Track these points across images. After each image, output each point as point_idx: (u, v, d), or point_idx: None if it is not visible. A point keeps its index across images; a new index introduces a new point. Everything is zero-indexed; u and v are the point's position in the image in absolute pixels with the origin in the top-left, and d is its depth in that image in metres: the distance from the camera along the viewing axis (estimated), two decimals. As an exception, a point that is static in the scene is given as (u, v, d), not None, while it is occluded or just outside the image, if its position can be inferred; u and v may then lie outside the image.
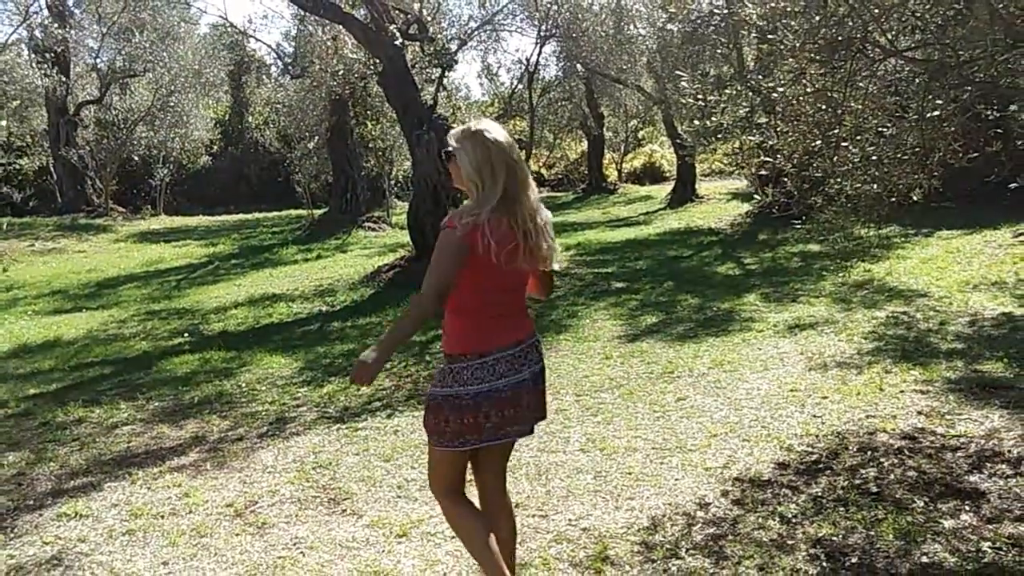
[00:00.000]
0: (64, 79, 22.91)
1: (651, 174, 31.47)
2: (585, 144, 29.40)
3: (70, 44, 23.69)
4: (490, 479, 3.24)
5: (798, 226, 6.13)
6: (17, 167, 21.12)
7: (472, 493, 3.25)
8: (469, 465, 3.20)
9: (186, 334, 9.63)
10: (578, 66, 17.74)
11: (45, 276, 15.39)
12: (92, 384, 7.56)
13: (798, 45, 4.69)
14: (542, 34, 13.37)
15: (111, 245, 19.93)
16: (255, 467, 5.12)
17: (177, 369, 7.88)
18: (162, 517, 4.45)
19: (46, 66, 19.97)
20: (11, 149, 21.27)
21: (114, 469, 5.24)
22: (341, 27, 13.04)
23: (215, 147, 31.50)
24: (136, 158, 26.41)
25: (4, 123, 19.39)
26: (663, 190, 24.28)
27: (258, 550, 4.00)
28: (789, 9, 4.75)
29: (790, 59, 5.01)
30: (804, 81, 4.98)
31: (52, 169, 25.48)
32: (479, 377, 2.97)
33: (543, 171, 32.48)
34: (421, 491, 4.45)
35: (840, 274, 9.73)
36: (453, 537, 3.95)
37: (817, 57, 4.71)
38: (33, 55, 20.18)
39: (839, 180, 5.25)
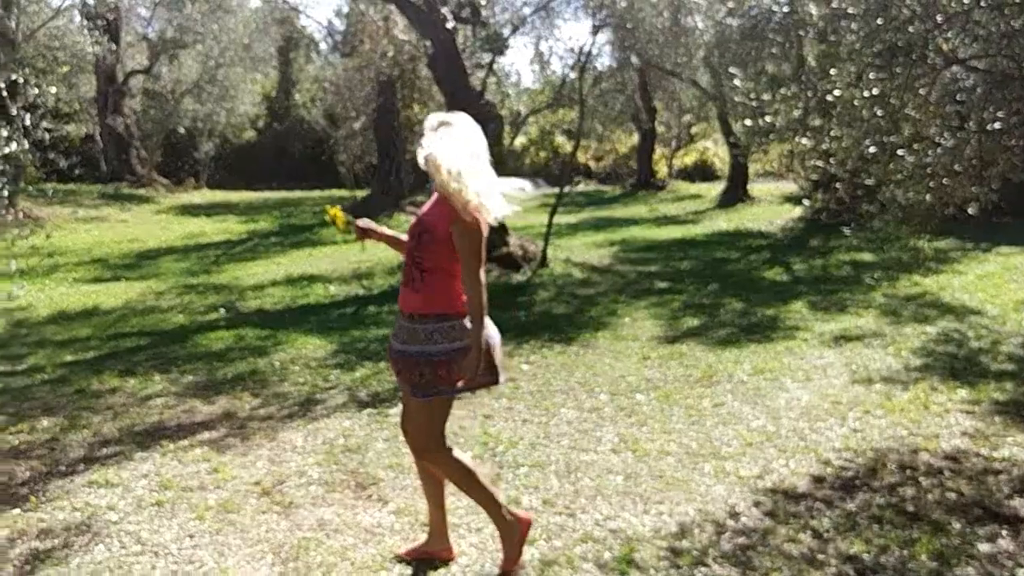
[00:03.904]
0: (114, 47, 22.97)
1: (702, 172, 31.12)
2: (636, 138, 29.12)
3: (122, 12, 23.87)
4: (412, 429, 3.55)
5: (848, 233, 6.00)
6: (63, 134, 21.36)
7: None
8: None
9: (222, 310, 9.70)
10: (632, 57, 17.51)
11: (86, 244, 15.57)
12: (128, 354, 7.64)
13: (858, 48, 4.57)
14: (597, 22, 13.19)
15: (152, 216, 20.13)
16: (284, 447, 5.13)
17: (212, 344, 7.94)
18: (190, 490, 4.47)
19: (97, 33, 20.09)
20: (59, 115, 21.53)
21: (145, 440, 5.28)
22: (393, 7, 13.03)
23: (260, 123, 31.52)
24: (181, 130, 26.51)
25: (54, 89, 19.64)
26: (713, 189, 24.02)
27: (283, 529, 4.00)
28: (850, 11, 4.63)
29: (848, 62, 4.89)
30: (862, 85, 4.85)
31: (98, 137, 25.73)
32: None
33: (590, 163, 32.29)
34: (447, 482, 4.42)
35: (891, 285, 9.54)
36: (479, 529, 3.94)
37: (876, 61, 4.59)
38: (85, 21, 20.32)
39: (892, 188, 5.12)
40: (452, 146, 3.33)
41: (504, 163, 11.83)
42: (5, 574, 3.60)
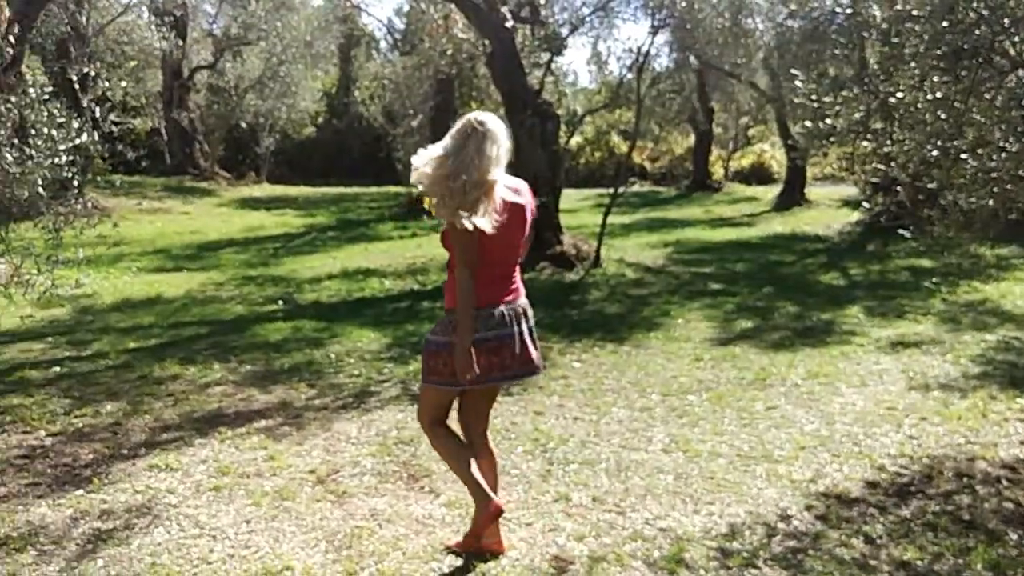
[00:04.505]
0: (180, 43, 23.38)
1: (759, 174, 30.72)
2: (692, 139, 28.88)
3: (189, 9, 24.28)
4: (472, 421, 3.73)
5: (908, 237, 5.92)
6: (130, 127, 21.80)
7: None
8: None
9: (280, 301, 9.86)
10: (691, 58, 17.43)
11: (150, 234, 15.91)
12: (188, 343, 7.81)
13: (922, 50, 4.51)
14: (656, 23, 13.12)
15: (214, 209, 20.48)
16: (339, 437, 5.22)
17: (269, 335, 8.08)
18: (247, 477, 4.57)
19: (164, 29, 20.52)
20: (126, 109, 21.97)
21: (204, 426, 5.41)
22: (453, 6, 13.11)
23: (320, 119, 31.77)
24: (243, 125, 26.86)
25: (124, 83, 19.98)
26: (770, 192, 23.73)
27: (337, 518, 4.07)
28: (915, 13, 4.57)
29: (912, 64, 4.82)
30: (925, 88, 4.79)
31: (163, 131, 26.22)
32: (480, 325, 3.44)
33: (646, 164, 32.08)
34: (500, 476, 4.45)
35: (950, 292, 9.37)
36: (529, 523, 3.97)
37: (941, 64, 4.52)
38: (153, 18, 20.76)
39: (955, 193, 5.04)
40: (428, 151, 3.43)
41: (560, 162, 11.87)
42: (68, 552, 3.72)
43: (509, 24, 11.63)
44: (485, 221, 3.32)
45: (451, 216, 3.34)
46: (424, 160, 3.40)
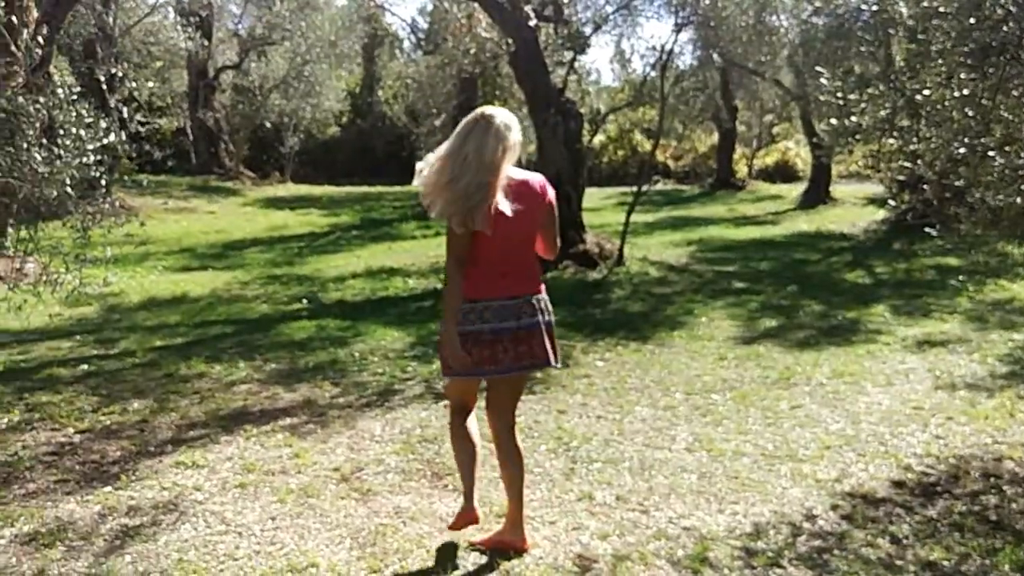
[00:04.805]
0: (206, 43, 23.52)
1: (783, 172, 30.56)
2: (716, 137, 28.74)
3: (214, 9, 24.45)
4: (495, 415, 3.75)
5: (934, 235, 5.87)
6: (156, 126, 22.01)
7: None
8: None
9: (305, 300, 9.92)
10: (715, 56, 17.35)
11: (176, 234, 16.03)
12: (214, 341, 7.88)
13: (948, 47, 4.47)
14: (679, 21, 13.07)
15: (239, 208, 20.60)
16: (363, 435, 5.24)
17: (294, 334, 8.13)
18: (273, 474, 4.60)
19: (190, 29, 20.70)
20: (152, 109, 22.18)
21: (230, 424, 5.45)
22: (476, 5, 13.13)
23: (344, 119, 31.90)
24: (268, 125, 27.01)
25: (151, 83, 20.15)
26: (794, 190, 23.60)
27: (361, 515, 4.09)
28: (941, 9, 4.53)
29: (939, 61, 4.78)
30: (952, 85, 4.75)
31: (189, 131, 26.41)
32: (469, 320, 3.49)
33: (669, 162, 31.97)
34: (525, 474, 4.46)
35: (977, 290, 9.28)
36: (552, 522, 3.98)
37: (968, 61, 4.48)
38: (179, 18, 20.96)
39: (982, 191, 4.99)
40: (432, 154, 3.46)
41: (583, 161, 11.85)
42: (96, 548, 3.76)
43: (532, 23, 11.64)
44: (483, 222, 3.35)
45: (443, 217, 3.41)
46: (427, 164, 3.43)
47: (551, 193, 3.63)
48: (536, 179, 3.60)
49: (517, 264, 3.57)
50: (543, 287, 3.68)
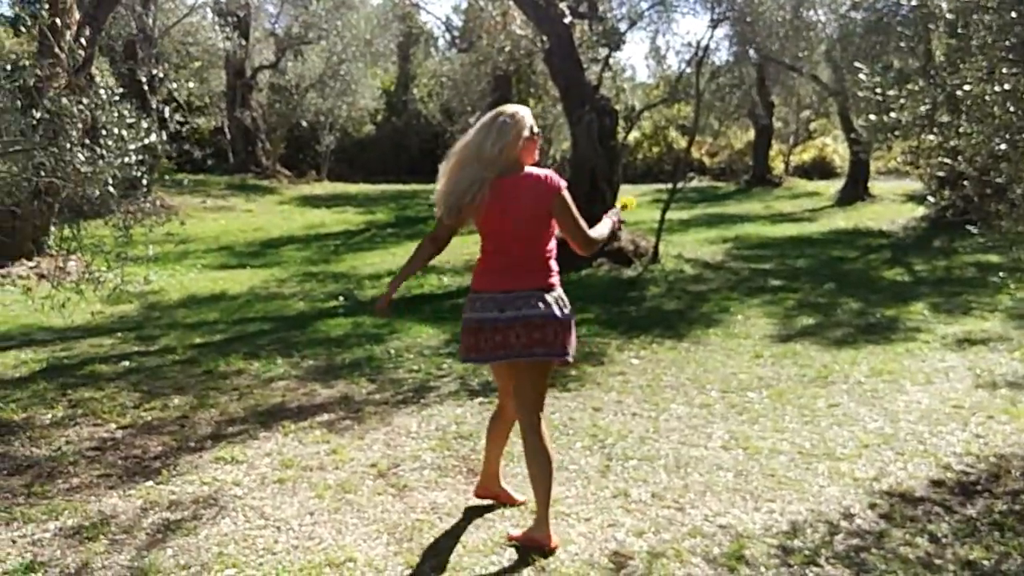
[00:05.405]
0: (243, 43, 23.71)
1: (820, 169, 30.26)
2: (752, 133, 28.51)
3: (251, 9, 24.67)
4: (519, 411, 3.78)
5: (975, 232, 5.79)
6: (195, 126, 22.28)
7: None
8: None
9: (341, 298, 10.00)
10: (751, 51, 17.22)
11: (214, 232, 16.20)
12: (252, 338, 7.97)
13: (990, 41, 4.41)
14: (715, 17, 12.99)
15: (276, 206, 20.75)
16: (399, 431, 5.28)
17: (331, 331, 8.20)
18: (310, 470, 4.65)
19: (228, 29, 20.93)
20: (191, 108, 22.45)
21: (268, 420, 5.52)
22: (511, 2, 13.14)
23: (379, 117, 31.99)
24: (304, 123, 27.15)
25: (191, 84, 20.40)
26: (832, 187, 23.37)
27: (398, 511, 4.12)
28: (982, 3, 4.47)
29: (980, 56, 4.72)
30: (994, 80, 4.68)
31: (226, 130, 26.65)
32: (467, 309, 3.73)
33: (705, 159, 31.77)
34: (559, 471, 4.47)
35: (1019, 288, 9.14)
36: (588, 519, 3.99)
37: (1009, 56, 4.42)
38: (217, 18, 21.20)
39: (1023, 187, 4.92)
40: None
41: (618, 158, 11.82)
42: (138, 542, 3.82)
43: (567, 19, 11.63)
44: (470, 218, 3.72)
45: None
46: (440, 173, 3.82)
47: (559, 183, 3.64)
48: (541, 173, 3.65)
49: (516, 260, 3.65)
50: (555, 282, 3.68)
